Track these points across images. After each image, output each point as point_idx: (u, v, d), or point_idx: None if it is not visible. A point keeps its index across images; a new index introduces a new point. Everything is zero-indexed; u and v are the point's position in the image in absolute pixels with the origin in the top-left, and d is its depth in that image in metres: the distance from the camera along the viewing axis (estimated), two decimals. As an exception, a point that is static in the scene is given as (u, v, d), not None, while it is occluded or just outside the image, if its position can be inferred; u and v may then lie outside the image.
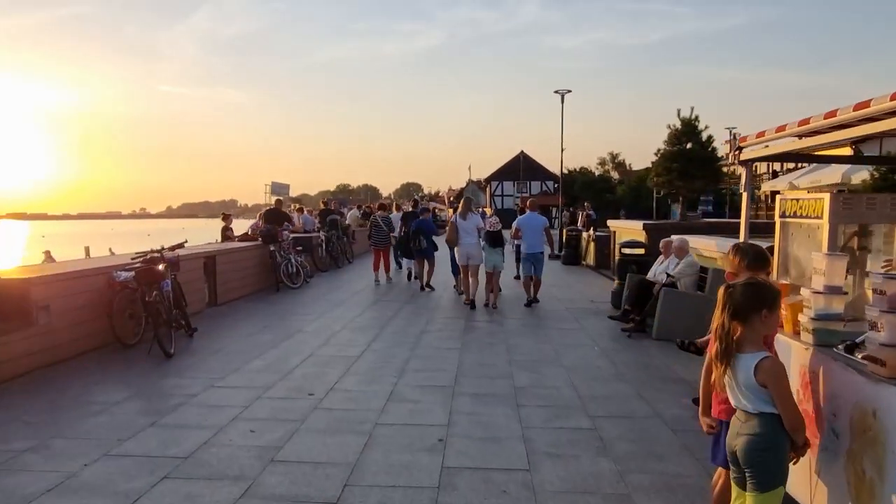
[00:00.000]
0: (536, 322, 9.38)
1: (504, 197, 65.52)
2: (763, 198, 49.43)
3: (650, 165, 69.14)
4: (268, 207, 13.86)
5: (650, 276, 9.21)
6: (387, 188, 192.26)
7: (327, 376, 6.26)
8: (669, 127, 14.11)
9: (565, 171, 70.10)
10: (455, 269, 11.83)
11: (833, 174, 24.99)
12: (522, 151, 66.14)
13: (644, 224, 12.87)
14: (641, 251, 10.60)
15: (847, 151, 35.94)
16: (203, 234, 24.45)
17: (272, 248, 12.79)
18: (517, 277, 14.07)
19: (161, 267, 7.52)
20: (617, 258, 10.98)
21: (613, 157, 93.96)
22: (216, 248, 10.86)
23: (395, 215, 15.82)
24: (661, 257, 9.37)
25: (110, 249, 25.50)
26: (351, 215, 24.72)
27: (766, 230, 12.92)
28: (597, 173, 77.16)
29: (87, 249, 26.90)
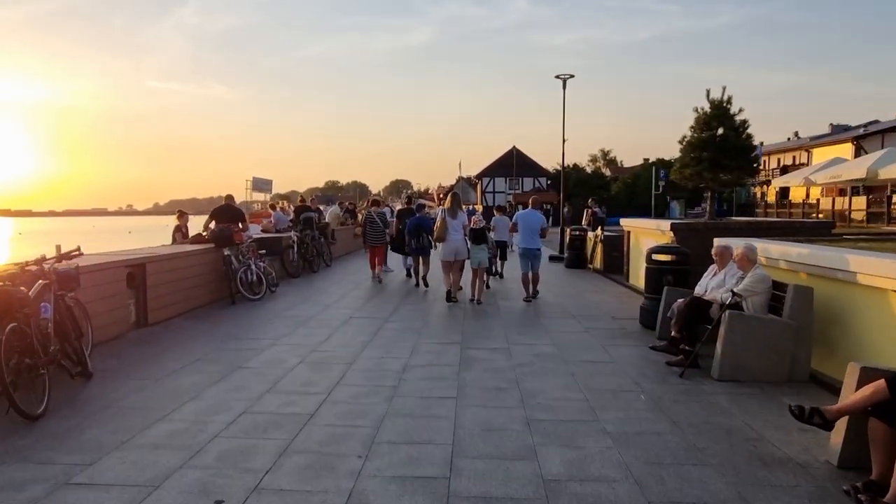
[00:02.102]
0: (553, 351, 7.28)
1: (496, 193, 63.46)
2: (760, 195, 47.58)
3: (642, 162, 67.93)
4: (218, 204, 11.64)
5: (700, 291, 7.14)
6: (376, 185, 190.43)
7: (256, 458, 4.12)
8: (697, 111, 12.04)
9: (558, 167, 68.54)
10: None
11: (856, 169, 23.15)
12: (515, 147, 64.09)
13: (672, 224, 10.80)
14: (678, 258, 8.53)
15: (848, 147, 34.04)
16: (192, 231, 22.65)
17: (227, 253, 10.61)
18: (495, 274, 14.00)
19: (38, 285, 5.36)
20: (646, 266, 8.89)
21: (605, 153, 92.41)
22: (146, 254, 8.68)
23: (388, 211, 15.65)
24: (712, 268, 7.30)
25: (78, 248, 23.54)
26: (331, 213, 22.57)
27: (791, 231, 11.03)
28: (588, 170, 75.34)
29: (58, 248, 25.00)
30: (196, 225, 12.94)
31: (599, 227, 17.10)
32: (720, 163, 11.75)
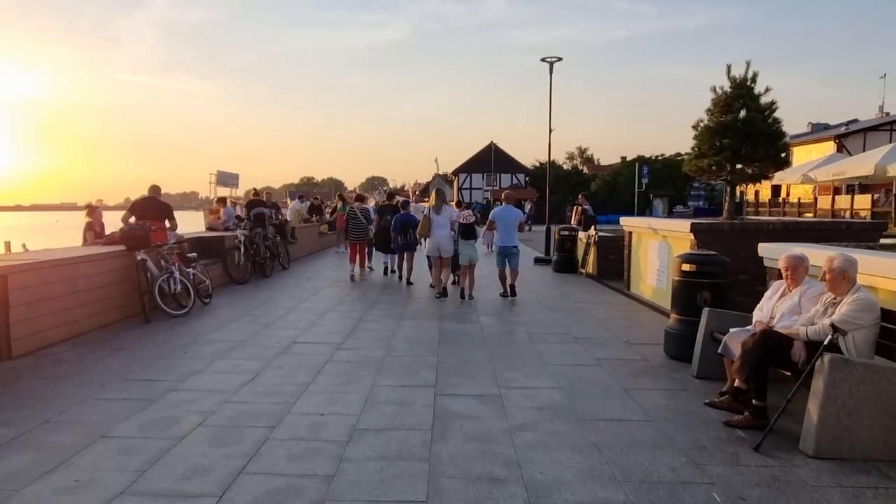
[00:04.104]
0: (561, 400, 5.26)
1: (472, 190, 61.58)
2: (739, 193, 46.00)
3: (619, 160, 66.07)
4: (141, 197, 9.44)
5: (761, 318, 5.20)
6: (352, 182, 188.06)
7: None
8: (715, 91, 10.12)
9: (536, 163, 66.71)
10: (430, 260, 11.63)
11: (862, 165, 21.52)
12: (493, 142, 62.24)
13: (693, 224, 8.87)
14: (716, 269, 6.58)
15: (830, 146, 32.62)
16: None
17: (140, 257, 8.42)
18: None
19: None
20: (673, 279, 6.92)
21: (582, 151, 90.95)
22: (8, 262, 6.47)
23: (371, 208, 15.10)
24: (777, 285, 5.35)
25: (23, 245, 21.21)
26: (292, 209, 20.44)
27: (836, 233, 9.13)
28: (566, 167, 73.57)
29: (7, 245, 22.71)
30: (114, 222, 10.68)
31: (592, 227, 15.17)
32: (743, 152, 9.86)
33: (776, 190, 32.58)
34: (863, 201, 24.35)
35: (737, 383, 4.71)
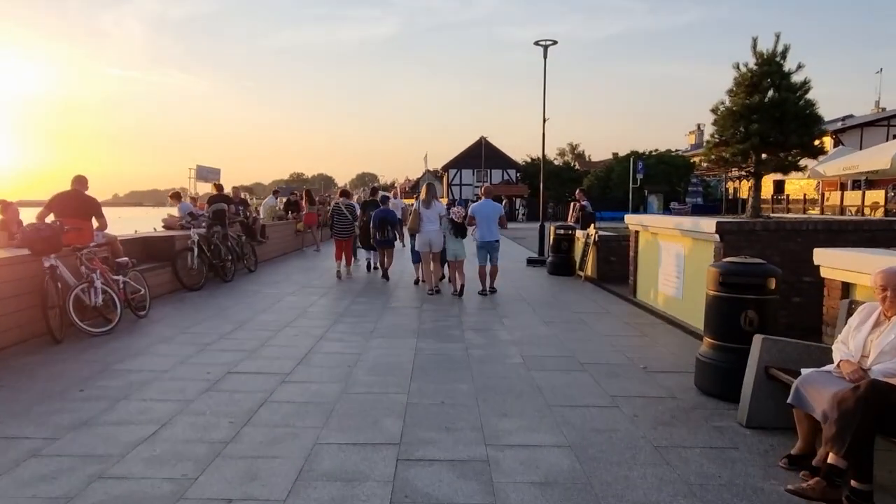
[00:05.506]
0: (572, 469, 3.78)
1: (462, 186, 60.10)
2: (733, 190, 44.69)
3: (611, 157, 64.42)
4: (61, 192, 7.87)
5: (846, 354, 3.77)
6: (342, 178, 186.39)
7: None
8: (738, 68, 8.69)
9: (528, 159, 65.10)
10: (416, 257, 11.58)
11: (876, 158, 20.13)
12: (483, 138, 60.66)
13: (719, 223, 7.42)
14: (767, 283, 5.15)
15: (826, 141, 31.30)
16: (139, 224, 19.04)
17: (49, 264, 6.88)
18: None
19: None
20: (710, 294, 5.46)
21: (573, 147, 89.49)
22: None
23: (356, 203, 14.76)
24: (865, 310, 3.91)
25: None
26: (265, 205, 18.92)
27: (890, 234, 7.69)
28: (556, 163, 71.97)
29: None
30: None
31: (591, 226, 13.73)
32: (772, 139, 8.43)
33: (779, 185, 31.24)
34: (875, 197, 23.05)
35: (831, 458, 3.26)
